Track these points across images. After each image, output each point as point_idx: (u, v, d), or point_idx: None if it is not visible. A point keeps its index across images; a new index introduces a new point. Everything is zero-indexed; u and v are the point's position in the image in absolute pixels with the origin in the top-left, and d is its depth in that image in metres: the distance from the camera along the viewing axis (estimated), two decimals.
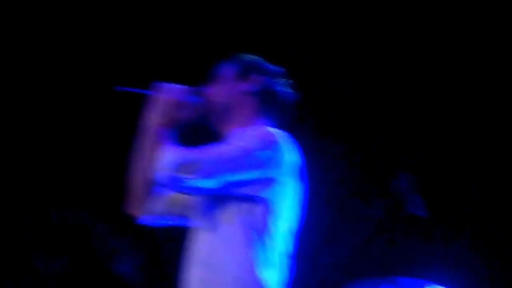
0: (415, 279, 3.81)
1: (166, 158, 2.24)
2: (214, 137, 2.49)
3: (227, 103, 2.46)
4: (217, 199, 2.32)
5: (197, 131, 2.48)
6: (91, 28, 4.50)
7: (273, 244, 2.32)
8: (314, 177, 2.64)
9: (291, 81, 2.54)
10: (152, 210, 2.48)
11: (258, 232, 2.30)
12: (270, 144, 2.30)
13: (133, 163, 2.46)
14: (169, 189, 2.33)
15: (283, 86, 2.52)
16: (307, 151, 2.49)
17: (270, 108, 2.49)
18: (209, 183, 2.24)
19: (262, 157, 2.28)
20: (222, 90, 2.47)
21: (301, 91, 2.57)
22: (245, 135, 2.34)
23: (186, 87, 2.44)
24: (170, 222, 2.55)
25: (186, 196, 2.42)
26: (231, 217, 2.30)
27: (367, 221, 3.76)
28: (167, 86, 2.43)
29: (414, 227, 4.33)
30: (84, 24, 4.48)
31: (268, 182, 2.31)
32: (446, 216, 4.51)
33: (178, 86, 2.44)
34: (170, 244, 2.81)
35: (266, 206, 2.31)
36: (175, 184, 2.23)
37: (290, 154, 2.36)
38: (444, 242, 4.53)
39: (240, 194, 2.30)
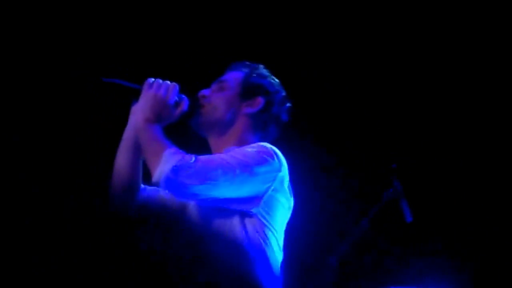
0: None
1: (168, 160, 2.17)
2: (198, 140, 2.45)
3: (225, 119, 2.44)
4: (215, 210, 2.28)
5: (181, 131, 2.43)
6: (89, 24, 4.42)
7: (268, 256, 2.29)
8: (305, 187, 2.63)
9: (290, 100, 2.55)
10: (138, 211, 2.44)
11: (255, 245, 2.27)
12: (267, 160, 2.28)
13: (121, 158, 2.42)
14: (170, 193, 2.26)
15: (283, 106, 2.52)
16: (299, 162, 2.48)
17: (266, 127, 2.49)
18: (207, 192, 2.18)
19: (259, 172, 2.26)
20: (222, 104, 2.45)
21: (294, 101, 2.58)
22: (242, 150, 2.31)
23: (178, 85, 2.39)
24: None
25: (177, 200, 2.37)
26: (226, 230, 2.26)
27: (358, 230, 3.70)
28: (158, 82, 2.37)
29: (403, 235, 4.30)
30: (82, 20, 4.41)
31: (261, 197, 2.29)
32: (433, 222, 4.47)
33: (170, 83, 2.38)
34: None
35: (262, 220, 2.29)
36: (171, 186, 2.16)
37: (284, 169, 2.35)
38: (433, 249, 4.48)
39: (237, 208, 2.27)
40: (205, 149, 2.47)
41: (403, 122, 4.63)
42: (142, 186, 2.44)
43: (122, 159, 2.42)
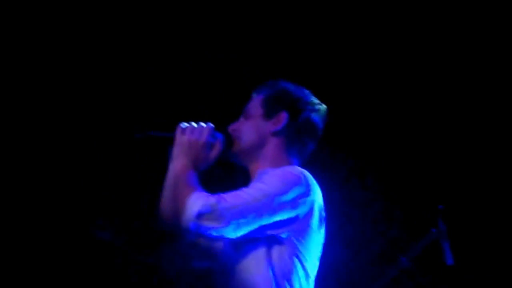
0: None
1: (191, 206, 2.17)
2: (239, 173, 2.46)
3: (253, 143, 2.42)
4: (241, 244, 2.26)
5: (222, 167, 2.44)
6: (111, 72, 4.53)
7: (300, 285, 2.27)
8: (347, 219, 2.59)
9: (321, 106, 2.48)
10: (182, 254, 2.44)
11: (284, 274, 2.24)
12: (296, 186, 2.25)
13: (162, 206, 2.39)
14: (194, 237, 2.24)
15: (311, 111, 2.46)
16: (343, 194, 2.43)
17: (298, 139, 2.44)
18: (234, 231, 2.18)
19: (288, 200, 2.23)
20: (250, 131, 2.44)
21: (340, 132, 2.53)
22: (270, 177, 2.28)
23: (210, 126, 2.38)
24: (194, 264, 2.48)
25: (210, 241, 2.34)
26: (256, 261, 2.25)
27: (397, 267, 3.68)
28: (191, 127, 2.36)
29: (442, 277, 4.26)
30: (104, 67, 4.51)
31: (293, 221, 2.26)
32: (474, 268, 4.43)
33: (202, 126, 2.37)
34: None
35: (291, 247, 2.26)
36: (198, 232, 2.16)
37: (315, 195, 2.31)
38: None
39: (265, 236, 2.24)
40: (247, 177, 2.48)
41: (457, 165, 4.60)
42: None
43: (164, 207, 2.38)
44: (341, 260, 4.31)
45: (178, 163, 2.30)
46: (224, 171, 2.39)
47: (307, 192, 2.27)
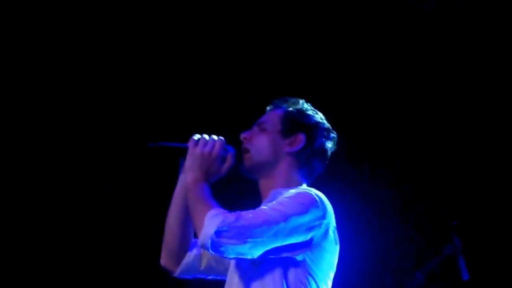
0: None
1: (210, 223, 2.19)
2: (246, 184, 2.47)
3: (267, 158, 2.42)
4: (256, 263, 2.28)
5: (234, 180, 2.47)
6: (124, 81, 4.59)
7: None
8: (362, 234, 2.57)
9: (334, 135, 2.51)
10: (189, 268, 2.49)
11: None
12: (313, 208, 2.26)
13: (171, 217, 2.47)
14: (210, 252, 2.25)
15: (326, 138, 2.49)
16: (357, 209, 2.41)
17: (310, 162, 2.46)
18: (250, 250, 2.19)
19: (304, 222, 2.24)
20: (265, 145, 2.43)
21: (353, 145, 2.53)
22: (287, 198, 2.29)
23: (222, 139, 2.40)
24: (207, 277, 2.54)
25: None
26: (273, 281, 2.26)
27: (412, 283, 3.71)
28: (204, 139, 2.38)
29: None
30: (118, 77, 4.58)
31: (308, 244, 2.27)
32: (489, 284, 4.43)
33: (214, 138, 2.39)
34: None
35: (306, 268, 2.28)
36: (216, 249, 2.18)
37: (330, 217, 2.32)
38: None
39: (280, 258, 2.26)
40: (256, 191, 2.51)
41: (471, 181, 4.62)
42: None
43: (172, 218, 2.48)
44: (356, 276, 4.33)
45: (191, 175, 2.33)
46: (231, 183, 2.41)
47: (323, 215, 2.28)
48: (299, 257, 2.27)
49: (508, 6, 4.41)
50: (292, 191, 2.33)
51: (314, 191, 2.33)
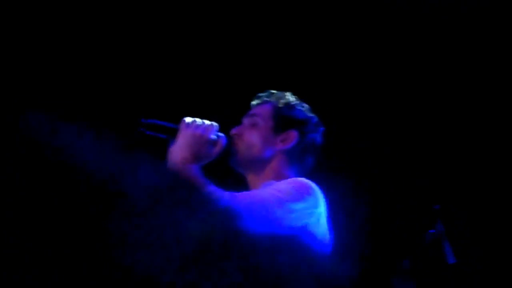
0: None
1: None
2: (235, 177, 2.47)
3: (262, 157, 2.44)
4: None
5: (219, 168, 2.45)
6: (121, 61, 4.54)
7: None
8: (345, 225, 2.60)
9: (323, 128, 2.54)
10: None
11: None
12: (304, 196, 2.28)
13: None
14: None
15: (316, 132, 2.51)
16: (339, 199, 2.46)
17: (303, 158, 2.49)
18: (245, 228, 2.18)
19: (298, 209, 2.25)
20: (257, 141, 2.45)
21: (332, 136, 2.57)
22: (281, 185, 2.30)
23: (216, 124, 2.41)
24: None
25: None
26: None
27: (399, 271, 3.69)
28: (196, 121, 2.39)
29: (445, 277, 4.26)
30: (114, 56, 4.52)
31: (301, 232, 2.28)
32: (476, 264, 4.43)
33: (208, 122, 2.40)
34: None
35: (298, 258, 2.28)
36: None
37: (322, 207, 2.34)
38: None
39: (275, 248, 2.25)
40: (243, 184, 2.50)
41: (450, 165, 4.61)
42: None
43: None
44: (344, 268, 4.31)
45: (180, 154, 2.32)
46: (217, 172, 2.38)
47: (316, 204, 2.30)
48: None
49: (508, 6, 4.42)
50: (288, 180, 2.35)
51: (308, 180, 2.34)
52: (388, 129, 4.65)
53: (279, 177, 2.41)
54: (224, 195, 2.19)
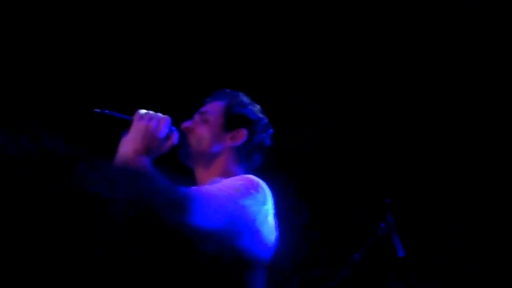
0: None
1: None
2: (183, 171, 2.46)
3: (211, 152, 2.45)
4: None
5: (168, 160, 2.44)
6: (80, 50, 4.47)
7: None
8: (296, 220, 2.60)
9: (272, 130, 2.55)
10: None
11: (236, 279, 2.23)
12: (252, 193, 2.27)
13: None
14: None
15: (266, 133, 2.53)
16: (290, 195, 2.46)
17: (251, 156, 2.50)
18: (195, 222, 2.10)
19: (246, 205, 2.24)
20: (207, 136, 2.46)
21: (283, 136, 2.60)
22: (230, 181, 2.30)
23: (168, 117, 2.40)
24: None
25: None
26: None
27: (350, 264, 3.71)
28: (150, 113, 2.38)
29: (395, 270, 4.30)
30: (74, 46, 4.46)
31: (248, 228, 2.26)
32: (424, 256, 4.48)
33: (162, 115, 2.39)
34: None
35: (244, 255, 2.26)
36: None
37: (269, 202, 2.33)
38: (425, 285, 4.49)
39: (221, 244, 2.23)
40: (190, 177, 2.49)
41: (399, 158, 4.65)
42: None
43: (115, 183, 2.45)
44: (294, 262, 4.32)
45: (131, 146, 2.30)
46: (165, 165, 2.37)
47: (264, 201, 2.30)
48: (242, 243, 2.24)
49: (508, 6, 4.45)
50: (236, 177, 2.34)
51: (256, 178, 2.34)
52: (341, 124, 4.67)
53: (226, 173, 2.43)
54: (175, 188, 2.18)
